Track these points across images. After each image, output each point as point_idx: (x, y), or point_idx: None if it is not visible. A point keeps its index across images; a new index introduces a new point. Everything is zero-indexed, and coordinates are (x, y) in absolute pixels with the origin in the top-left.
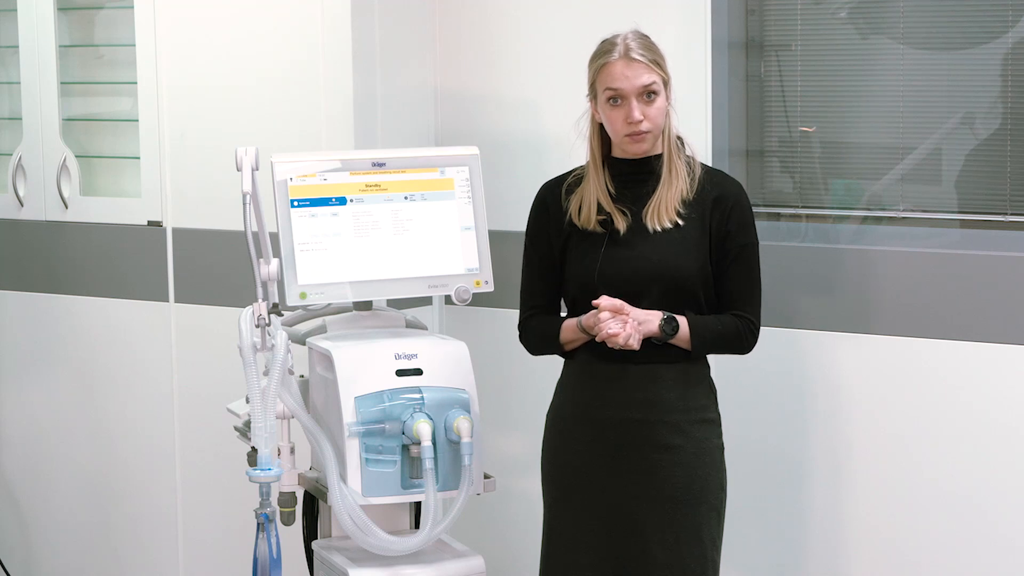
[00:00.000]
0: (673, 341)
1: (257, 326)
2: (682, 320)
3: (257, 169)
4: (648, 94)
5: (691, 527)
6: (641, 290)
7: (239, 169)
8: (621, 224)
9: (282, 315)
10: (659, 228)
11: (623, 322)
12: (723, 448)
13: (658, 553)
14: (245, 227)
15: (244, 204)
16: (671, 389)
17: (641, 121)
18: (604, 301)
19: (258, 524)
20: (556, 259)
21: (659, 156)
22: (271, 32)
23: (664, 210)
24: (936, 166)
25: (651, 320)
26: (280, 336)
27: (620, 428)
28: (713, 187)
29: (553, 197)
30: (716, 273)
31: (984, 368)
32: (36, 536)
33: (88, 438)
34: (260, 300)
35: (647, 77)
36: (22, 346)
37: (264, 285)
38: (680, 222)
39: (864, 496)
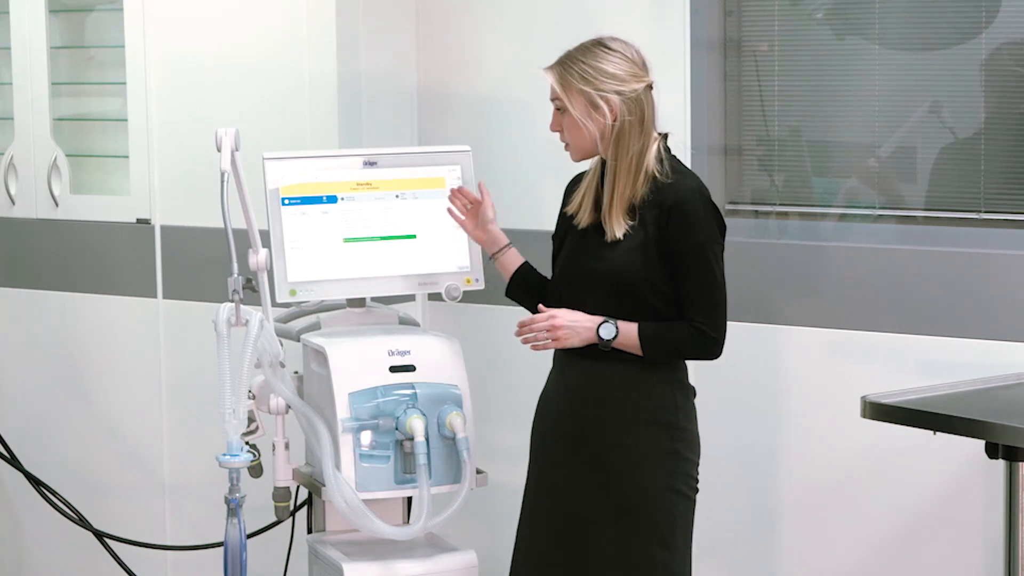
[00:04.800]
0: (620, 347)
1: (231, 301)
2: (627, 327)
3: (237, 150)
4: (559, 108)
5: (634, 527)
6: (587, 292)
7: (219, 149)
8: (587, 225)
9: (256, 291)
10: (608, 232)
11: (547, 330)
12: (679, 452)
13: (604, 548)
14: (222, 205)
15: (222, 182)
16: (624, 388)
17: (559, 132)
18: (540, 312)
19: (228, 509)
20: (558, 248)
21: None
22: (257, 33)
23: (611, 215)
24: (912, 164)
25: (588, 327)
26: (255, 315)
27: (571, 420)
28: (660, 191)
29: (568, 189)
30: (669, 279)
31: (959, 363)
32: (27, 531)
33: (77, 433)
34: (236, 274)
35: (553, 92)
36: (12, 342)
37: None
38: (627, 228)
39: (842, 493)
